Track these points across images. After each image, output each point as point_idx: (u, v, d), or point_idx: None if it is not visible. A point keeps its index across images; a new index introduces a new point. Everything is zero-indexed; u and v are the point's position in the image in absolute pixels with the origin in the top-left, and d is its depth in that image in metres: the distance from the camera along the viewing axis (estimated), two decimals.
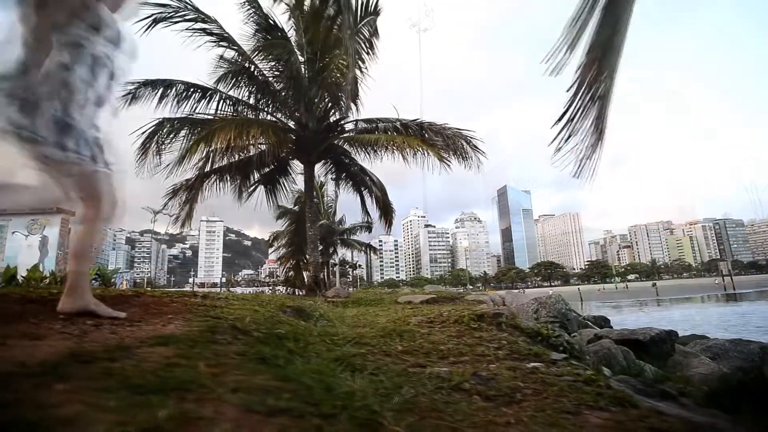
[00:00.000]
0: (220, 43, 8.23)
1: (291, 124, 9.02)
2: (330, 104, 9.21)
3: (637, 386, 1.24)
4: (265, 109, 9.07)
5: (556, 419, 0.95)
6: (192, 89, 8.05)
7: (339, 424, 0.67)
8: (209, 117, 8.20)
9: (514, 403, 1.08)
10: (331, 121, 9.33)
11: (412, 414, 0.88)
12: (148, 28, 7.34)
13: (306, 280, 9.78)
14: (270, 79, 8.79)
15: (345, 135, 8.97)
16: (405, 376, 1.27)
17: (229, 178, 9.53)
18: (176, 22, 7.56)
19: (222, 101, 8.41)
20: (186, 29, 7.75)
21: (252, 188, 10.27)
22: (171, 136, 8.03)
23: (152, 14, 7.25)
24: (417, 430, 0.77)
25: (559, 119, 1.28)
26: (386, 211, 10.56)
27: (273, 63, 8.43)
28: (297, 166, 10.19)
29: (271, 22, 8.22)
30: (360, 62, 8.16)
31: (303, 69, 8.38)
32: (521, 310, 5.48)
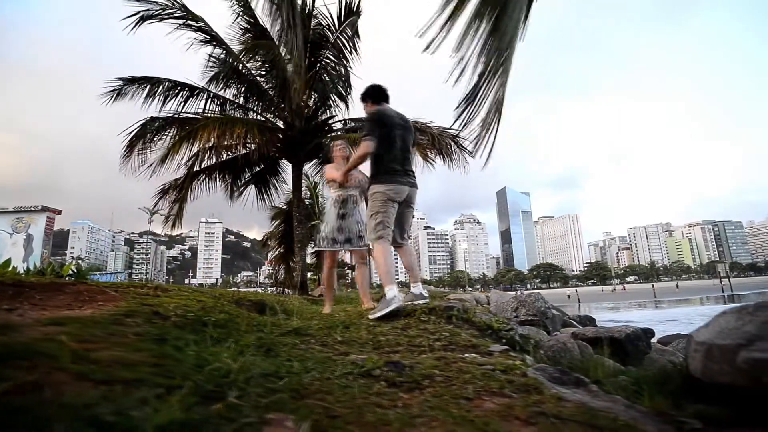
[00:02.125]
0: (209, 42, 8.24)
1: (279, 123, 9.02)
2: (318, 104, 9.22)
3: (553, 374, 1.22)
4: (254, 109, 9.08)
5: (447, 404, 0.94)
6: (179, 87, 8.05)
7: (178, 393, 0.66)
8: (196, 116, 8.18)
9: (417, 389, 1.07)
10: (320, 120, 9.33)
11: (292, 393, 0.87)
12: (135, 25, 7.36)
13: (294, 279, 9.75)
14: (258, 78, 8.80)
15: (332, 134, 8.96)
16: (322, 362, 1.25)
17: (218, 177, 9.53)
18: (164, 20, 7.55)
19: (209, 100, 8.40)
20: (175, 28, 7.75)
21: (243, 188, 10.26)
22: (159, 134, 8.01)
23: (139, 11, 7.25)
24: (279, 405, 0.75)
25: (459, 105, 1.25)
26: None
27: (260, 62, 8.44)
28: (288, 165, 10.18)
29: (259, 21, 8.23)
30: (344, 60, 8.17)
31: (289, 68, 8.37)
32: (502, 308, 5.47)
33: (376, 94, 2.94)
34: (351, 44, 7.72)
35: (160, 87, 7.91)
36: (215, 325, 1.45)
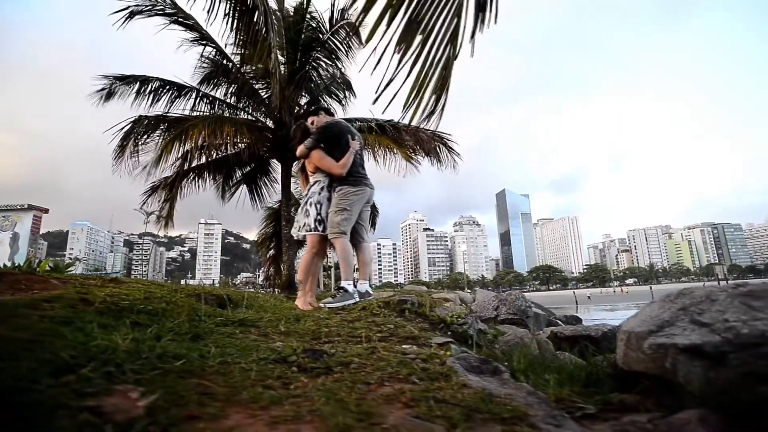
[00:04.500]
0: (199, 41, 8.24)
1: (269, 122, 9.02)
2: (309, 104, 9.23)
3: (473, 363, 1.21)
4: (244, 108, 9.08)
5: (340, 388, 0.93)
6: (168, 86, 8.05)
7: (26, 365, 0.65)
8: (186, 115, 8.18)
9: (324, 374, 1.06)
10: None
11: (183, 373, 0.87)
12: (125, 20, 7.34)
13: (282, 279, 9.73)
14: (249, 78, 8.81)
15: None
16: (245, 349, 1.25)
17: (209, 176, 9.53)
18: (153, 16, 7.54)
19: (199, 99, 8.41)
20: (165, 25, 7.74)
21: (234, 187, 10.26)
22: (148, 133, 8.00)
23: (129, 6, 7.24)
24: (150, 381, 0.75)
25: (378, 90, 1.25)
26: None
27: (250, 65, 8.44)
28: (278, 165, 10.16)
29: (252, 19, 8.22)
30: (337, 61, 8.18)
31: (282, 68, 8.37)
32: (484, 306, 5.46)
33: (328, 109, 3.62)
34: (345, 46, 7.73)
35: (150, 86, 7.92)
36: (147, 312, 1.44)
